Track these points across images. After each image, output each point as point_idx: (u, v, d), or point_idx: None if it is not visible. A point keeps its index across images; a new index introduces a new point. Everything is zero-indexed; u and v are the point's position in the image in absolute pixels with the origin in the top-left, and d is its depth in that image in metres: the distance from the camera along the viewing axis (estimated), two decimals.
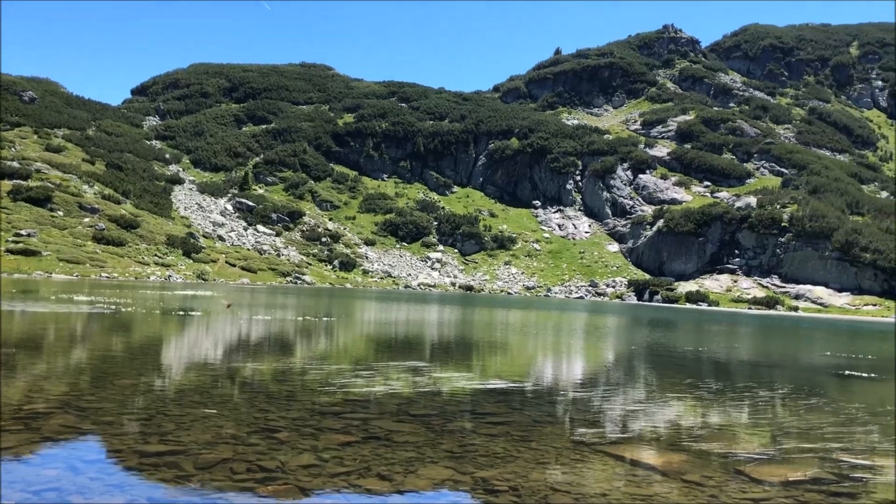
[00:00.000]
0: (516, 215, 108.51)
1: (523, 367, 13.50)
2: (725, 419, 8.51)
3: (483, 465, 5.74)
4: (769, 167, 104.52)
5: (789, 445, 7.04)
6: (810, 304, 72.78)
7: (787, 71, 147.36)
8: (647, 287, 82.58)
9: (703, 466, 6.05)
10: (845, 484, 5.77)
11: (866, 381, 13.52)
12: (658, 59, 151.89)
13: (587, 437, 6.91)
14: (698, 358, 17.69)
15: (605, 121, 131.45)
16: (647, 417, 8.35)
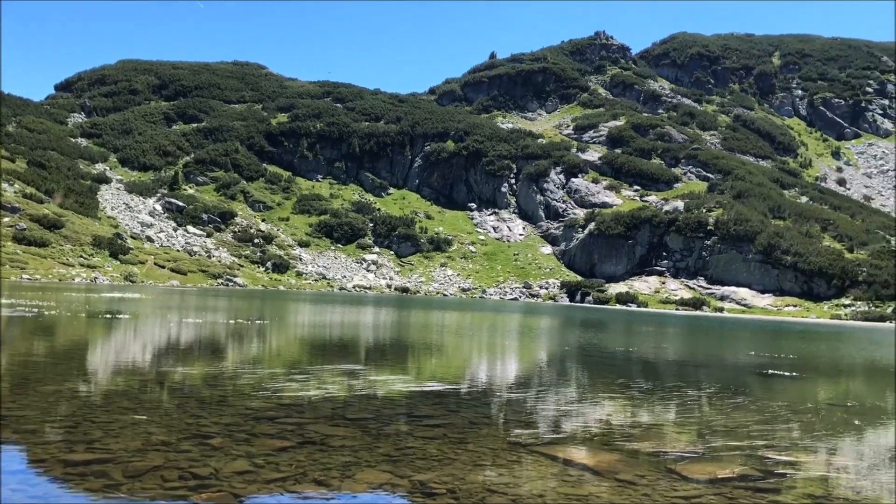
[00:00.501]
0: (452, 217, 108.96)
1: (459, 369, 13.57)
2: (656, 418, 8.73)
3: (420, 468, 5.75)
4: (696, 172, 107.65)
5: (717, 443, 7.26)
6: (735, 304, 75.23)
7: (714, 79, 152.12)
8: (579, 288, 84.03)
9: (636, 465, 6.20)
10: (770, 480, 5.98)
11: (788, 380, 14.06)
12: (590, 66, 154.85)
13: (523, 438, 6.99)
14: (629, 358, 18.10)
15: (539, 125, 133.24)
16: (581, 417, 8.50)
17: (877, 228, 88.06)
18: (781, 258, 76.78)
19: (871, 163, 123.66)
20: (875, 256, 76.00)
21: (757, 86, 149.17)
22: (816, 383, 14.48)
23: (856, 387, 14.76)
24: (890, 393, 13.69)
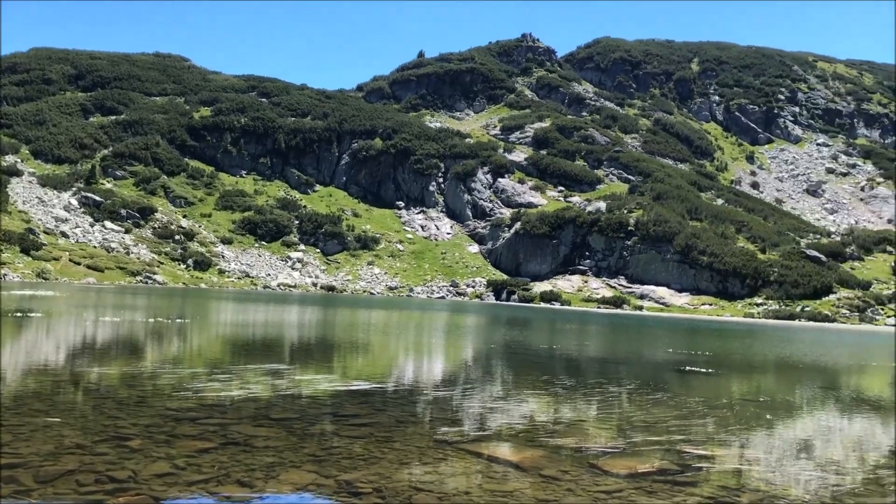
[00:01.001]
0: (380, 216, 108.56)
1: (386, 368, 13.54)
2: (578, 414, 8.92)
3: (346, 468, 5.72)
4: (618, 174, 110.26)
5: (637, 438, 7.47)
6: (654, 303, 77.40)
7: (635, 83, 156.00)
8: (505, 287, 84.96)
9: (559, 461, 6.32)
10: (688, 473, 6.19)
11: (704, 376, 14.56)
12: (517, 67, 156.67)
13: (449, 436, 7.04)
14: (552, 355, 18.42)
15: (467, 125, 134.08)
16: (506, 414, 8.61)
17: (787, 230, 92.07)
18: (698, 258, 79.40)
19: (783, 167, 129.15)
20: (785, 257, 79.43)
21: (676, 91, 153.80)
22: (730, 379, 15.05)
23: (767, 382, 15.40)
24: (798, 388, 14.35)
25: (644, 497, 5.45)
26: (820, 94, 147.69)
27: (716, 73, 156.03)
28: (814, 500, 5.71)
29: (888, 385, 16.20)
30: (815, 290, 72.76)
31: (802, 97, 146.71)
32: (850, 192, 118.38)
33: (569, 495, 5.37)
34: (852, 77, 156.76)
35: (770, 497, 5.70)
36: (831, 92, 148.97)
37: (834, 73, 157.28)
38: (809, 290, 72.69)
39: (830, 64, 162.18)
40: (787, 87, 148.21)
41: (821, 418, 10.22)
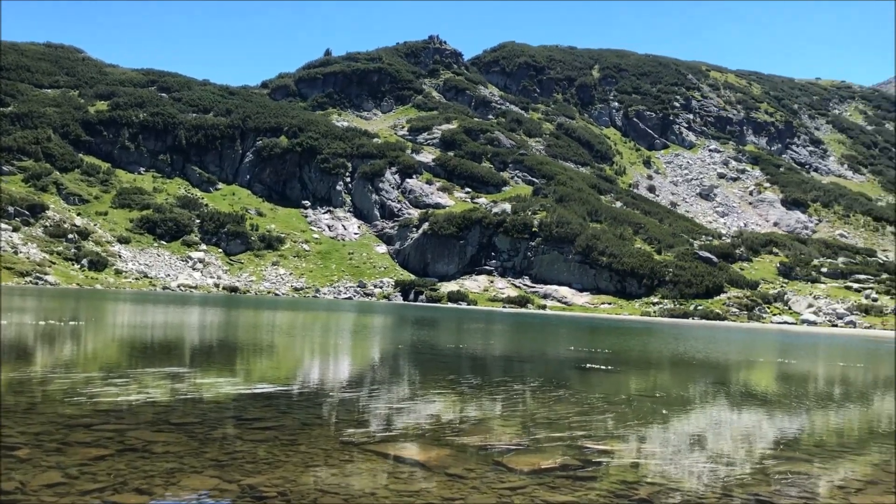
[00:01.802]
0: (285, 215, 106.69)
1: (291, 370, 13.35)
2: (484, 413, 9.06)
3: (250, 472, 5.63)
4: (522, 176, 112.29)
5: (540, 435, 7.65)
6: (556, 302, 79.23)
7: (539, 88, 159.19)
8: (412, 287, 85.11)
9: (465, 459, 6.41)
10: (588, 468, 6.40)
11: (604, 373, 15.04)
12: (424, 69, 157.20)
13: (355, 437, 7.02)
14: (459, 355, 18.60)
15: (375, 125, 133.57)
16: (412, 414, 8.66)
17: (682, 232, 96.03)
18: (598, 259, 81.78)
19: (678, 172, 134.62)
20: (680, 258, 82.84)
21: (578, 96, 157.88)
22: (629, 376, 15.59)
23: (663, 379, 16.03)
24: (692, 383, 15.01)
25: (547, 492, 5.59)
26: (712, 103, 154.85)
27: (615, 79, 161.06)
28: (705, 491, 6.00)
29: (774, 380, 17.15)
30: (707, 290, 76.19)
31: (696, 105, 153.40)
32: (739, 196, 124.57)
33: (474, 493, 5.46)
34: (742, 86, 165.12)
35: (666, 489, 5.95)
36: (723, 100, 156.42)
37: (725, 82, 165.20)
38: (702, 289, 76.05)
39: (722, 73, 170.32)
40: (681, 95, 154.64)
41: (712, 412, 10.72)
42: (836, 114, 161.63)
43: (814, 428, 9.85)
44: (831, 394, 14.65)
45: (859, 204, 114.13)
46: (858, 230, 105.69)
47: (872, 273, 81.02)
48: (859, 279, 78.91)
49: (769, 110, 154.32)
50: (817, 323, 67.23)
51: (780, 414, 10.88)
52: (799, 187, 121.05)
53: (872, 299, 72.48)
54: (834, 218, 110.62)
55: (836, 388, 15.90)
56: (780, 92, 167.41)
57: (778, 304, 73.73)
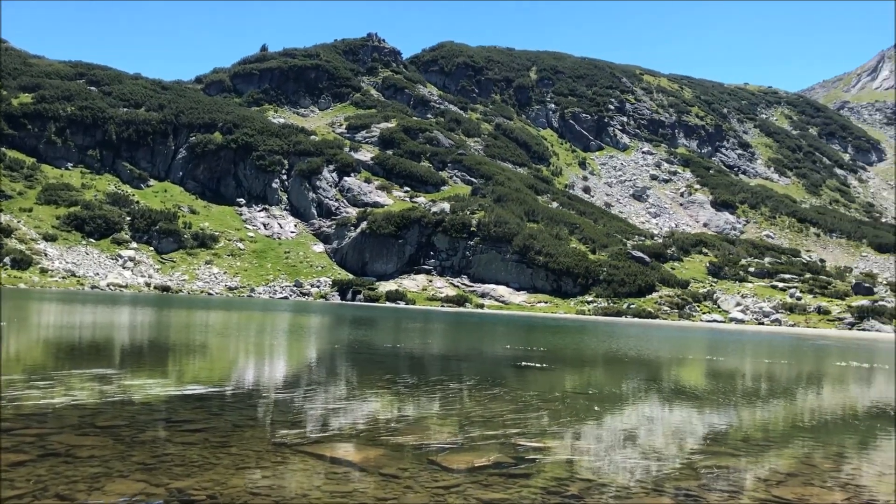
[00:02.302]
0: (219, 213, 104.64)
1: (224, 371, 13.10)
2: (419, 412, 9.06)
3: (179, 476, 5.50)
4: (461, 176, 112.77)
5: (475, 433, 7.69)
6: (494, 301, 79.83)
7: (478, 88, 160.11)
8: (350, 287, 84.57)
9: (399, 459, 6.40)
10: (521, 466, 6.46)
11: (539, 371, 15.22)
12: (363, 66, 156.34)
13: (288, 439, 6.93)
14: (396, 354, 18.57)
15: (312, 122, 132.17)
16: (348, 414, 8.60)
17: (616, 232, 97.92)
18: (535, 258, 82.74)
19: (612, 173, 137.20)
20: (613, 258, 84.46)
21: (516, 98, 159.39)
22: (563, 373, 15.82)
23: (597, 376, 16.31)
24: (624, 380, 15.32)
25: (480, 490, 5.62)
26: (645, 106, 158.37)
27: (552, 81, 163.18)
28: (636, 487, 6.13)
29: (703, 377, 17.63)
30: (639, 289, 77.88)
31: (630, 108, 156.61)
32: (671, 197, 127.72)
33: (408, 493, 5.46)
34: (674, 90, 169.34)
35: (597, 485, 6.05)
36: (655, 104, 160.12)
37: (658, 86, 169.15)
38: (635, 288, 77.71)
39: (655, 77, 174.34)
40: (616, 98, 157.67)
41: (644, 409, 10.95)
42: (763, 118, 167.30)
43: (741, 423, 10.16)
44: (758, 390, 15.14)
45: (785, 206, 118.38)
46: (784, 231, 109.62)
47: (797, 273, 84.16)
48: (784, 278, 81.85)
49: (700, 114, 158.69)
50: (745, 321, 69.47)
51: (709, 410, 11.19)
52: (728, 189, 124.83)
53: (796, 298, 75.27)
54: (761, 219, 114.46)
55: (762, 384, 16.45)
56: (711, 96, 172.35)
57: (707, 303, 75.89)
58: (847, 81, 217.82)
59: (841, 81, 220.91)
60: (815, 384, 17.20)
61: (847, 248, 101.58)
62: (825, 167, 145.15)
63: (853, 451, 8.37)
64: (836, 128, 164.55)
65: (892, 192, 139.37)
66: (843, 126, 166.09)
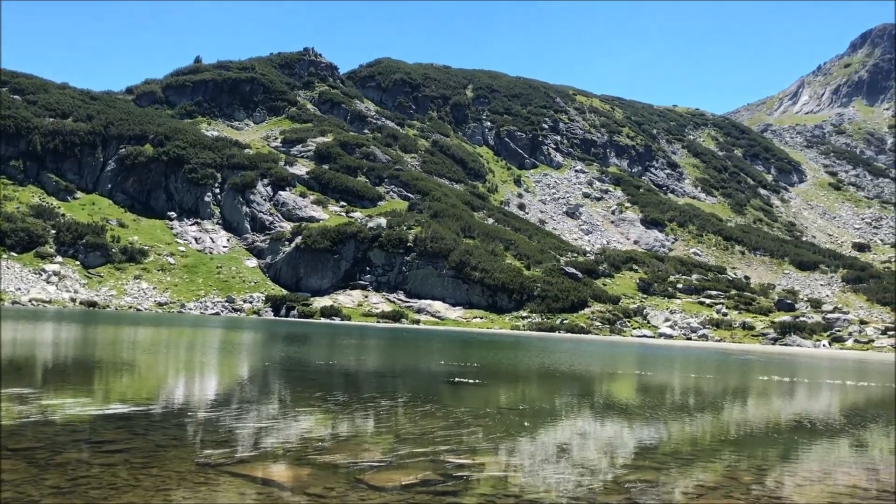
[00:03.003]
0: (149, 227, 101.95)
1: (151, 389, 12.75)
2: (350, 430, 9.00)
3: (95, 499, 5.33)
4: (398, 191, 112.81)
5: (404, 451, 7.68)
6: (430, 317, 79.88)
7: (415, 105, 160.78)
8: (284, 302, 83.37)
9: (327, 478, 6.34)
10: (449, 483, 6.48)
11: (472, 387, 15.29)
12: (299, 80, 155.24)
13: (214, 459, 6.79)
14: (329, 371, 18.39)
15: (247, 135, 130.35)
16: (275, 433, 8.47)
17: (549, 249, 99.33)
18: (471, 274, 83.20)
19: (546, 191, 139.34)
20: (547, 273, 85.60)
21: (452, 115, 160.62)
22: (496, 389, 15.93)
23: (530, 391, 16.48)
24: (557, 395, 15.51)
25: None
26: (578, 125, 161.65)
27: (488, 100, 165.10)
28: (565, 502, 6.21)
29: (633, 391, 17.99)
30: (572, 304, 79.07)
31: (563, 127, 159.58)
32: (602, 214, 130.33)
33: None
34: (606, 111, 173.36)
35: (525, 501, 6.11)
36: (588, 123, 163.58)
37: (590, 106, 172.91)
38: (568, 304, 78.85)
39: (587, 98, 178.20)
40: (550, 118, 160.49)
41: (576, 424, 11.11)
42: (691, 139, 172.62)
43: (669, 436, 10.41)
44: (685, 404, 15.54)
45: (711, 224, 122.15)
46: (710, 249, 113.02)
47: (722, 289, 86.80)
48: (711, 295, 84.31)
49: (631, 134, 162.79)
50: (673, 336, 71.22)
51: (638, 424, 11.43)
52: (657, 208, 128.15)
53: (722, 314, 77.59)
54: (688, 237, 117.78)
55: (689, 399, 16.88)
56: (641, 117, 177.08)
57: (637, 318, 77.52)
58: (770, 105, 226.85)
59: (764, 105, 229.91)
60: (739, 398, 17.75)
61: (770, 265, 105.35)
62: (749, 187, 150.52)
63: (775, 462, 8.67)
64: (760, 149, 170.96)
65: (812, 212, 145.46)
66: (767, 148, 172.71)
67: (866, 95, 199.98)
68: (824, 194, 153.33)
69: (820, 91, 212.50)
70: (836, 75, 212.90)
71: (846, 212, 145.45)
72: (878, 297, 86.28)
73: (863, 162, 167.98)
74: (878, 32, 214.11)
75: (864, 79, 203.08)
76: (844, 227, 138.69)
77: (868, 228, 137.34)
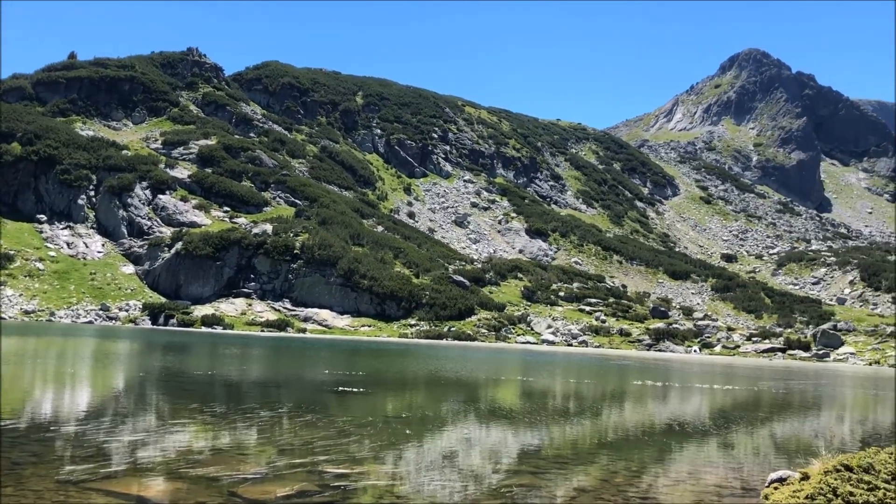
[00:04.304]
0: (16, 230, 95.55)
1: (13, 404, 11.95)
2: (227, 442, 8.76)
3: None
4: (285, 197, 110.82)
5: (283, 463, 7.55)
6: (317, 325, 78.79)
7: (303, 110, 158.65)
8: (163, 311, 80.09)
9: (197, 492, 6.15)
10: (327, 494, 6.42)
11: (357, 396, 15.19)
12: (182, 81, 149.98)
13: (77, 475, 6.46)
14: (210, 382, 17.82)
15: (125, 136, 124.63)
16: (147, 447, 8.14)
17: (438, 257, 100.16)
18: (359, 282, 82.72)
19: (436, 200, 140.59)
20: (436, 282, 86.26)
21: (342, 121, 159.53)
22: (381, 397, 15.90)
23: (416, 399, 16.55)
24: (443, 402, 15.64)
25: None
26: (467, 136, 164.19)
27: (378, 107, 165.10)
28: None
29: (517, 396, 18.38)
30: (460, 312, 79.98)
31: (452, 137, 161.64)
32: (489, 224, 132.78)
33: None
34: (493, 123, 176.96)
35: None
36: (476, 134, 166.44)
37: (479, 117, 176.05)
38: (455, 311, 79.70)
39: (476, 109, 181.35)
40: (439, 127, 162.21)
41: (460, 430, 11.23)
42: (573, 152, 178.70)
43: (551, 441, 10.70)
44: (566, 408, 16.01)
45: (591, 235, 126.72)
46: (590, 258, 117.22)
47: (601, 297, 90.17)
48: (591, 302, 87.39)
49: (517, 146, 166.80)
50: (555, 342, 73.29)
51: (521, 429, 11.69)
52: (541, 218, 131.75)
53: (601, 321, 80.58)
54: (570, 247, 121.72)
55: (570, 403, 17.41)
56: (527, 130, 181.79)
57: (522, 325, 79.33)
58: (647, 122, 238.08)
59: (641, 121, 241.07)
60: (616, 402, 18.47)
61: (646, 274, 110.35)
62: (627, 200, 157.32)
63: (648, 464, 9.07)
64: (637, 164, 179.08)
65: (684, 224, 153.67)
66: (643, 162, 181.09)
67: (734, 115, 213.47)
68: (696, 207, 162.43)
69: (693, 109, 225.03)
70: (708, 95, 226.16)
71: (715, 224, 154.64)
72: (743, 306, 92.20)
73: (731, 177, 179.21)
74: (744, 56, 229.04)
75: (733, 99, 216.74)
76: (714, 239, 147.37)
77: (735, 240, 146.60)
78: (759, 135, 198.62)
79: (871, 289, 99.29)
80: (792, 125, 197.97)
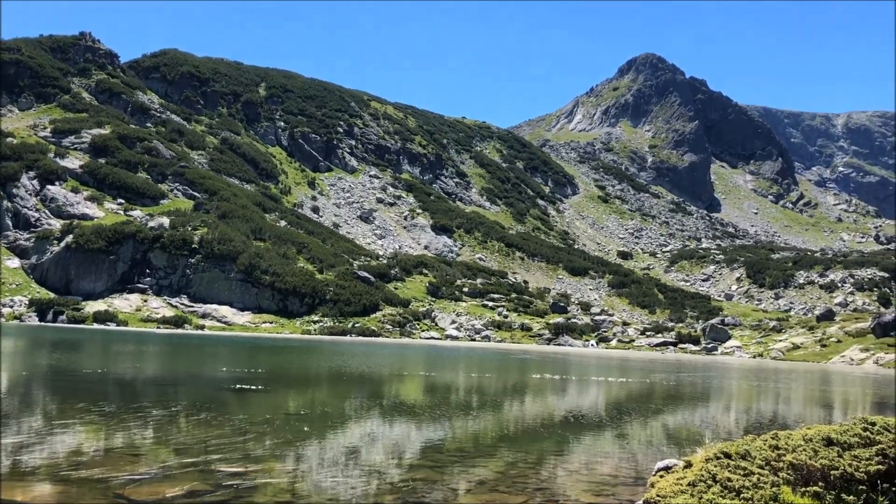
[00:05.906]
0: None
1: None
2: (116, 442, 8.48)
3: None
4: (183, 190, 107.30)
5: (173, 462, 7.37)
6: (216, 322, 76.79)
7: (204, 100, 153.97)
8: (52, 306, 76.17)
9: (81, 495, 5.95)
10: (218, 493, 6.31)
11: (255, 393, 14.95)
12: (73, 67, 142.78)
13: None
14: (101, 380, 17.14)
15: (10, 123, 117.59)
16: (26, 450, 7.78)
17: (343, 252, 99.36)
18: (261, 278, 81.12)
19: (341, 195, 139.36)
20: (340, 277, 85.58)
21: (244, 112, 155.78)
22: (281, 395, 15.70)
23: (318, 395, 16.41)
24: (346, 398, 15.58)
25: None
26: (373, 131, 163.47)
27: (282, 100, 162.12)
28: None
29: (420, 391, 18.51)
30: (364, 308, 79.66)
31: (358, 132, 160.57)
32: (395, 220, 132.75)
33: None
34: (399, 119, 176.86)
35: None
36: (382, 130, 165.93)
37: (385, 113, 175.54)
38: (360, 307, 79.33)
39: (382, 105, 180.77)
40: (345, 122, 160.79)
41: (362, 426, 11.23)
42: (478, 150, 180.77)
43: (453, 434, 10.84)
44: (468, 402, 16.25)
45: (495, 231, 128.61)
46: (494, 254, 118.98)
47: (504, 293, 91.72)
48: (494, 298, 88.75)
49: (422, 143, 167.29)
50: (459, 337, 74.09)
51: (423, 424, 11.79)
52: (446, 214, 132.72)
53: (504, 316, 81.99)
54: (474, 243, 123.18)
55: (472, 397, 17.68)
56: (433, 127, 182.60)
57: (426, 321, 79.75)
58: (549, 122, 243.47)
59: (544, 121, 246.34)
60: (517, 396, 18.88)
61: (546, 270, 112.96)
62: (529, 198, 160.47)
63: (546, 455, 9.35)
64: (539, 163, 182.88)
65: (583, 222, 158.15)
66: (545, 162, 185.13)
67: (631, 117, 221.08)
68: (594, 206, 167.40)
69: (592, 111, 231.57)
70: (606, 97, 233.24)
71: (612, 223, 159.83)
72: (638, 301, 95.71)
73: (627, 178, 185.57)
74: (641, 60, 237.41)
75: (630, 102, 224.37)
76: (611, 237, 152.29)
77: (631, 238, 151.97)
78: (654, 137, 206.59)
79: (756, 285, 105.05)
80: (685, 128, 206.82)
